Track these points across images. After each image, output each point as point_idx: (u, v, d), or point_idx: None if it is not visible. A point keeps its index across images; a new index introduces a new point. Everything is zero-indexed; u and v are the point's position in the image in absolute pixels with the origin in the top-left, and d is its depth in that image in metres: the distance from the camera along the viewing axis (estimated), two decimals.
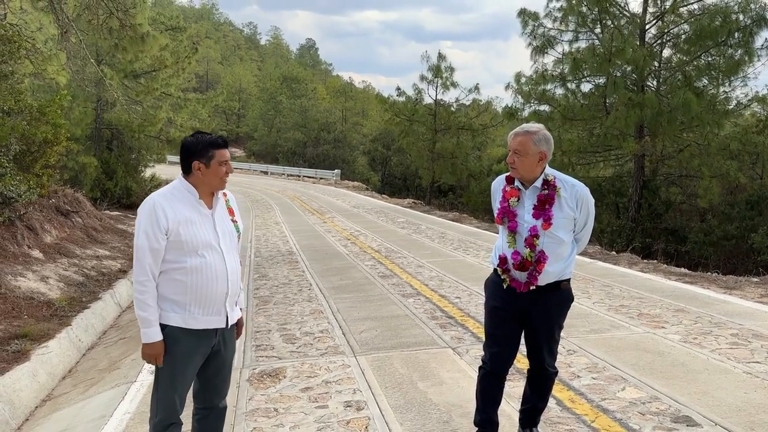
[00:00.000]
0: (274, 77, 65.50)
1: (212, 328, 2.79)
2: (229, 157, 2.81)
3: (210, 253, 2.75)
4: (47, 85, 15.90)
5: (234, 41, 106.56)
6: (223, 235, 2.83)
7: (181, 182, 2.80)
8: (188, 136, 2.86)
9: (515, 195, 3.15)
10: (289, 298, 7.44)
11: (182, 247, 2.70)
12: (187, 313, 2.73)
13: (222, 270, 2.77)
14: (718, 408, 3.83)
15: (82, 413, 4.48)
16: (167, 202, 2.72)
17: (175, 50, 20.69)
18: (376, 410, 3.93)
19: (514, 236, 3.13)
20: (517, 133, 3.09)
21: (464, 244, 11.94)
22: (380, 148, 44.30)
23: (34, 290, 7.33)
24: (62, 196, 11.49)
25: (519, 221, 3.12)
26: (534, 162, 3.05)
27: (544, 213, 3.06)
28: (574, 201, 3.11)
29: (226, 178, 2.81)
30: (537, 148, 3.04)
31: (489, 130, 30.21)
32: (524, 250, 3.08)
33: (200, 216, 2.77)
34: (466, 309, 6.61)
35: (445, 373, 4.61)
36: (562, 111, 17.59)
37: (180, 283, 2.71)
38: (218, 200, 2.87)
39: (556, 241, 3.08)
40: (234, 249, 2.90)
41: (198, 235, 2.73)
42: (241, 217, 3.06)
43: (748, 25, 15.68)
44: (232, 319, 2.89)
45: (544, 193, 3.08)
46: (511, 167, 3.10)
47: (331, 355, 5.14)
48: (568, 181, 3.15)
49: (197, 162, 2.74)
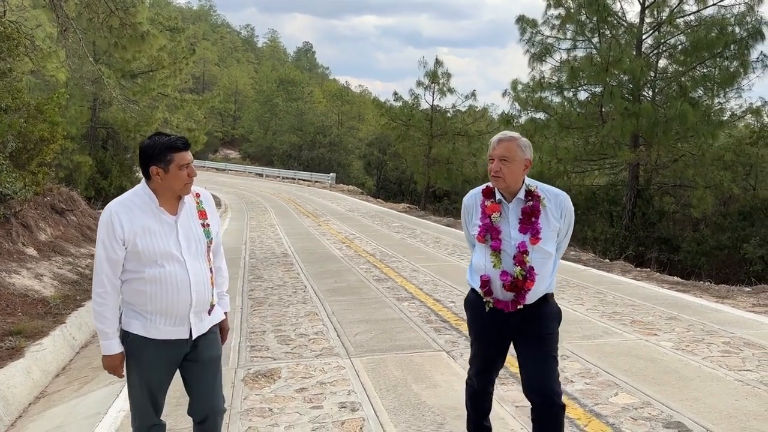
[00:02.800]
0: (271, 80, 65.53)
1: (174, 338, 2.67)
2: (190, 160, 2.62)
3: (170, 263, 2.60)
4: (44, 82, 15.89)
5: (231, 43, 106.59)
6: (188, 243, 2.66)
7: (143, 188, 2.65)
8: (146, 138, 2.67)
9: (497, 210, 2.90)
10: (283, 300, 7.45)
11: (140, 258, 2.57)
12: (149, 322, 2.63)
13: (184, 280, 2.62)
14: (709, 414, 3.87)
15: (76, 410, 4.48)
16: (125, 211, 2.59)
17: (173, 51, 20.72)
18: (371, 411, 3.95)
19: (498, 255, 2.87)
20: (501, 139, 2.87)
21: (459, 249, 11.98)
22: (376, 152, 44.36)
23: (29, 288, 7.31)
24: (57, 195, 11.46)
25: (504, 238, 2.87)
26: (520, 170, 2.86)
27: (532, 227, 2.85)
28: (559, 211, 2.93)
29: (189, 182, 2.63)
30: (523, 155, 2.86)
31: (485, 136, 30.25)
32: (514, 268, 2.84)
33: (160, 224, 2.61)
34: (461, 314, 6.63)
35: (440, 376, 4.63)
36: (559, 119, 17.69)
37: (140, 292, 2.61)
38: (185, 204, 2.70)
39: (544, 256, 2.89)
40: (202, 256, 2.71)
41: (156, 245, 2.58)
42: (218, 219, 2.90)
43: (744, 38, 15.83)
44: (200, 329, 2.73)
45: (529, 205, 2.87)
46: (495, 177, 2.85)
47: (325, 356, 5.16)
48: (551, 191, 2.95)
49: (155, 167, 2.57)
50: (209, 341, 2.79)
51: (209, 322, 2.78)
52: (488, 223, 2.90)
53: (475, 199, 3.02)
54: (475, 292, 3.02)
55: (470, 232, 3.06)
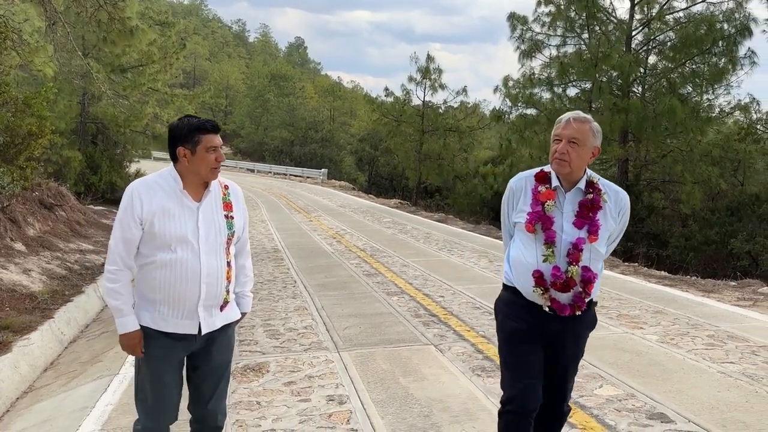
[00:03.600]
0: (262, 75, 65.26)
1: (182, 332, 2.56)
2: (219, 144, 2.54)
3: (183, 249, 2.50)
4: (32, 77, 15.76)
5: (222, 38, 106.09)
6: (207, 232, 2.56)
7: (170, 170, 2.59)
8: (176, 119, 2.61)
9: (552, 197, 2.56)
10: (273, 295, 7.46)
11: (155, 240, 2.49)
12: (157, 313, 2.54)
13: (195, 270, 2.51)
14: (692, 406, 3.92)
15: (63, 405, 4.48)
16: (147, 190, 2.52)
17: (163, 45, 20.59)
18: (358, 404, 3.98)
19: (553, 248, 2.54)
20: (575, 118, 2.52)
21: (449, 245, 12.02)
22: (367, 148, 44.37)
23: (17, 283, 7.28)
24: (46, 190, 11.40)
25: (556, 230, 2.55)
26: (587, 157, 2.53)
27: (590, 222, 2.54)
28: (618, 210, 2.63)
29: (216, 166, 2.54)
30: (594, 141, 2.53)
31: (476, 132, 30.39)
32: (568, 266, 2.53)
33: (181, 208, 2.53)
34: (449, 308, 6.68)
35: (427, 369, 4.67)
36: (548, 114, 17.78)
37: (150, 279, 2.53)
38: (211, 192, 2.60)
39: (596, 257, 2.59)
40: (220, 248, 2.59)
41: (173, 228, 2.49)
42: (246, 215, 2.79)
43: (732, 34, 15.98)
44: (210, 325, 2.60)
45: (589, 198, 2.55)
46: (560, 160, 2.51)
47: (314, 350, 5.18)
48: (612, 187, 2.65)
49: (182, 148, 2.50)
50: (222, 344, 2.68)
51: (222, 319, 2.65)
52: (540, 211, 2.57)
53: (525, 182, 2.67)
54: (510, 291, 2.68)
55: (511, 220, 2.71)
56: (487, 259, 10.18)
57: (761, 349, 5.16)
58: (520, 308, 2.62)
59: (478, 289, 7.67)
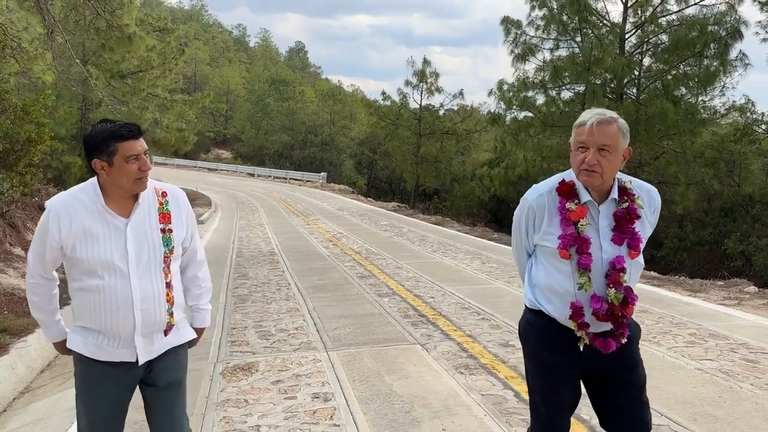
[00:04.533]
0: (263, 79, 65.55)
1: (118, 361, 2.29)
2: (141, 150, 2.20)
3: (111, 275, 2.20)
4: (32, 84, 15.94)
5: (223, 43, 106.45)
6: (139, 252, 2.24)
7: (93, 182, 2.27)
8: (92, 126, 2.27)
9: (585, 214, 2.20)
10: (267, 297, 7.59)
11: (79, 266, 2.22)
12: (91, 340, 2.27)
13: (126, 296, 2.21)
14: (666, 401, 4.04)
15: (58, 404, 4.61)
16: (66, 210, 2.20)
17: (163, 51, 20.81)
18: (342, 401, 4.11)
19: (589, 275, 2.20)
20: (600, 121, 2.14)
21: (443, 247, 12.15)
22: (366, 151, 44.52)
23: (15, 287, 7.42)
24: (45, 195, 11.56)
25: (593, 251, 2.20)
26: (620, 162, 2.19)
27: (630, 236, 2.21)
28: (652, 211, 2.32)
29: (142, 177, 2.21)
30: (624, 143, 2.18)
31: (473, 135, 30.56)
32: (608, 291, 2.20)
33: (106, 227, 2.21)
34: (438, 308, 6.80)
35: (412, 367, 4.79)
36: (542, 118, 17.94)
37: (81, 305, 2.25)
38: (141, 206, 2.27)
39: (638, 270, 2.28)
40: (155, 269, 2.28)
41: (96, 252, 2.19)
42: (191, 222, 2.46)
43: (723, 37, 16.13)
44: (150, 353, 2.31)
45: (624, 208, 2.21)
46: (590, 171, 2.15)
47: (303, 350, 5.31)
48: (643, 188, 2.32)
49: (97, 160, 2.19)
50: (167, 364, 2.39)
51: (167, 343, 2.37)
52: (573, 233, 2.20)
53: (546, 200, 2.29)
54: (538, 315, 2.35)
55: (531, 242, 2.37)
56: (480, 261, 10.31)
57: (740, 346, 5.29)
58: (555, 334, 2.29)
59: (468, 290, 7.80)
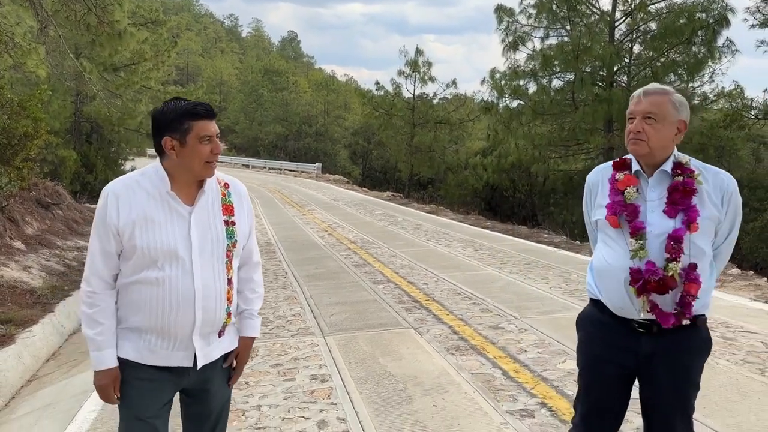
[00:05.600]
0: (256, 70, 65.39)
1: (174, 365, 2.11)
2: (214, 132, 2.08)
3: (173, 266, 2.04)
4: (25, 78, 15.99)
5: (215, 33, 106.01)
6: (202, 243, 2.09)
7: (155, 167, 2.12)
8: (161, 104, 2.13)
9: (634, 183, 2.17)
10: (265, 286, 7.72)
11: (137, 256, 2.03)
12: (143, 343, 2.08)
13: (188, 291, 2.05)
14: None
15: (65, 390, 4.80)
16: (126, 193, 2.06)
17: (155, 43, 20.84)
18: (339, 382, 4.31)
19: (642, 241, 2.11)
20: (648, 91, 2.14)
21: (437, 235, 12.35)
22: (361, 141, 44.65)
23: (17, 279, 7.58)
24: (43, 189, 11.69)
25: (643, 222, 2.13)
26: (671, 134, 2.12)
27: (686, 209, 2.08)
28: (719, 195, 2.13)
29: (212, 160, 2.08)
30: (677, 115, 2.12)
31: (466, 124, 30.72)
32: (663, 261, 2.08)
33: (169, 214, 2.07)
34: (432, 294, 7.01)
35: (405, 349, 4.99)
36: (533, 106, 18.11)
37: (134, 303, 2.07)
38: (206, 194, 2.13)
39: (698, 254, 2.11)
40: (218, 263, 2.12)
41: (159, 240, 2.03)
42: (251, 219, 2.30)
43: (710, 24, 16.30)
44: (208, 356, 2.14)
45: (679, 181, 2.11)
46: (635, 140, 2.12)
47: (301, 335, 5.50)
48: (708, 168, 2.18)
49: (169, 138, 2.04)
50: (220, 378, 2.23)
51: (220, 348, 2.19)
52: (620, 200, 2.17)
53: (601, 175, 2.31)
54: (595, 306, 2.30)
55: (591, 219, 2.35)
56: (473, 248, 10.51)
57: (720, 325, 5.52)
58: (607, 327, 2.22)
59: (461, 276, 8.00)
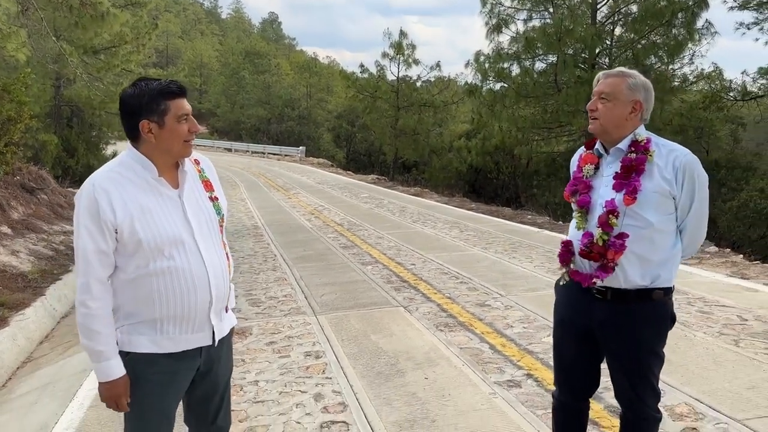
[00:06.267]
0: (236, 52, 64.65)
1: (194, 347, 2.07)
2: (189, 110, 2.01)
3: (181, 252, 1.98)
4: (4, 61, 15.74)
5: (194, 15, 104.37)
6: (199, 223, 2.05)
7: (132, 155, 2.01)
8: (127, 87, 2.00)
9: (592, 161, 2.39)
10: (254, 268, 7.87)
11: (142, 249, 1.94)
12: (160, 334, 2.01)
13: (200, 273, 2.01)
14: None
15: (63, 370, 4.89)
16: (115, 187, 1.94)
17: (135, 26, 20.55)
18: (333, 357, 4.45)
19: (584, 214, 2.35)
20: (608, 74, 2.36)
21: (423, 217, 12.51)
22: (345, 124, 44.51)
23: (6, 263, 7.59)
24: (27, 174, 11.61)
25: (593, 195, 2.35)
26: (624, 113, 2.29)
27: (628, 183, 2.26)
28: (672, 171, 2.26)
29: (190, 139, 2.01)
30: (631, 95, 2.29)
31: (450, 107, 30.81)
32: (596, 230, 2.29)
33: (162, 201, 1.99)
34: (419, 274, 7.16)
35: (396, 327, 5.15)
36: (517, 88, 18.24)
37: (144, 295, 1.98)
38: (186, 173, 2.07)
39: (642, 225, 2.25)
40: (216, 239, 2.11)
41: (161, 229, 1.96)
42: (221, 192, 2.24)
43: (690, 6, 16.51)
44: (222, 331, 2.14)
45: (631, 158, 2.28)
46: (591, 118, 2.34)
47: (293, 315, 5.63)
48: (666, 145, 2.32)
49: (146, 121, 1.94)
50: (225, 355, 2.22)
51: (229, 322, 2.21)
52: (580, 176, 2.42)
53: (577, 155, 2.52)
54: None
55: None
56: (458, 229, 10.68)
57: (697, 300, 5.74)
58: (571, 292, 2.41)
59: (447, 256, 8.16)
